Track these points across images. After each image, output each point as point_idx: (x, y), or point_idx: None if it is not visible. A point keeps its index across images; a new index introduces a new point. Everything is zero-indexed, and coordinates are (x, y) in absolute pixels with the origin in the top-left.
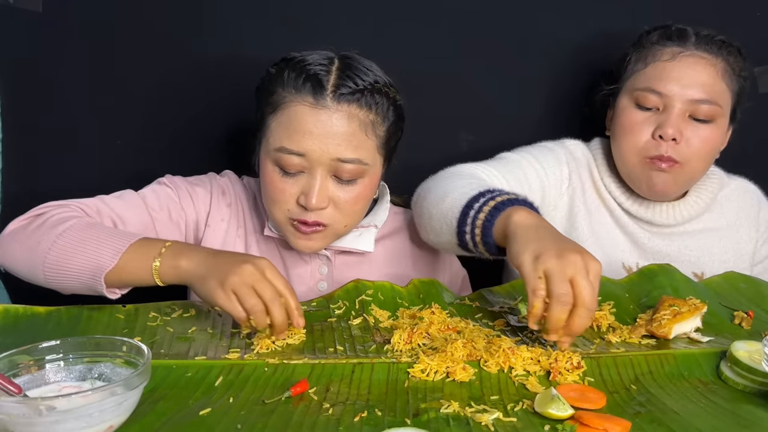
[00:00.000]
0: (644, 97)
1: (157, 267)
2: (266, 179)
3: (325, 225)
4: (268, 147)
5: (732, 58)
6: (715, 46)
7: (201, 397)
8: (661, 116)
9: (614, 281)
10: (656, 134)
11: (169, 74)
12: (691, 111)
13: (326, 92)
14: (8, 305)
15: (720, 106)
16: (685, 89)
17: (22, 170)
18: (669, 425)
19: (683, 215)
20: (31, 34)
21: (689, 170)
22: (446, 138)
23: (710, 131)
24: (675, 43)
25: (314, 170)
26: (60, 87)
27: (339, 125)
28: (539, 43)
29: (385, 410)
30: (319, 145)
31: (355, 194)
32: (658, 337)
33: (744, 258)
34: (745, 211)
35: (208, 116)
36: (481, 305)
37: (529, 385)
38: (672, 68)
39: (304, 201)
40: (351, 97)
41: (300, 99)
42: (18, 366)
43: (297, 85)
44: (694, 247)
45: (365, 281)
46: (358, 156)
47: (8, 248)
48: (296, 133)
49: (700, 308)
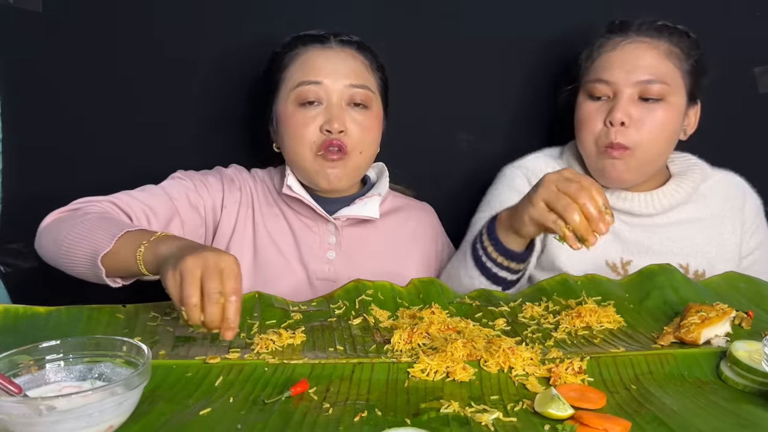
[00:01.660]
0: (594, 87)
1: (141, 253)
2: (288, 120)
3: (346, 151)
4: (287, 91)
5: (676, 38)
6: (655, 31)
7: (201, 397)
8: (611, 103)
9: (614, 281)
10: (607, 121)
11: (169, 74)
12: (640, 92)
13: (330, 38)
14: (8, 305)
15: (668, 84)
16: (629, 73)
17: (22, 170)
18: (669, 425)
19: (663, 204)
20: (31, 34)
21: (641, 154)
22: (446, 138)
23: (662, 110)
24: (617, 34)
25: (331, 98)
26: (60, 87)
27: (346, 60)
28: (539, 44)
29: (385, 410)
30: (332, 74)
31: (367, 121)
32: (688, 343)
33: (727, 249)
34: (730, 202)
35: (208, 116)
36: (482, 304)
37: (529, 385)
38: (616, 56)
39: (328, 125)
40: (349, 44)
41: (309, 47)
42: (18, 366)
43: (304, 42)
44: (676, 238)
45: (365, 281)
46: (365, 83)
47: (41, 240)
48: (311, 68)
49: (728, 312)
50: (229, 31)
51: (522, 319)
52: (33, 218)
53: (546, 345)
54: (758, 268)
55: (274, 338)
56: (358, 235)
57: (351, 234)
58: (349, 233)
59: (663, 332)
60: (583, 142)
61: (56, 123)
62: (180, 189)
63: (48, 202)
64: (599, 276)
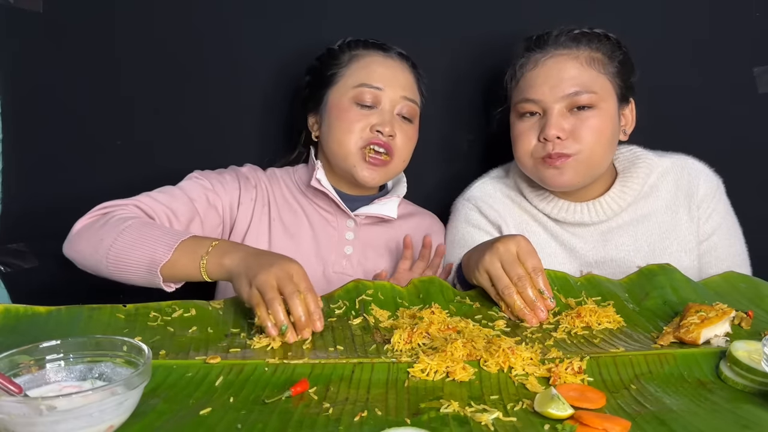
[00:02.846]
0: (522, 107)
1: (204, 264)
2: (343, 114)
3: (392, 155)
4: (346, 88)
5: (595, 44)
6: (572, 41)
7: (201, 397)
8: (543, 120)
9: (614, 281)
10: (541, 137)
11: (169, 74)
12: (568, 105)
13: (392, 50)
14: (8, 305)
15: (596, 92)
16: (554, 88)
17: (22, 170)
18: (669, 425)
19: (612, 208)
20: (31, 34)
21: (585, 158)
22: (446, 138)
23: (597, 117)
24: (536, 51)
25: (385, 104)
26: (60, 87)
27: (404, 72)
28: None
29: (385, 410)
30: (391, 83)
31: (411, 133)
32: (687, 343)
33: (689, 239)
34: (683, 189)
35: (209, 116)
36: (482, 304)
37: (528, 385)
38: (538, 74)
39: (380, 127)
40: (407, 59)
41: (372, 52)
42: (18, 366)
43: (366, 46)
44: (630, 241)
45: (365, 281)
46: (415, 98)
47: (76, 245)
48: (374, 72)
49: (727, 312)
50: (230, 30)
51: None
52: (33, 218)
53: (546, 345)
54: (717, 253)
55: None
56: (374, 233)
57: (368, 232)
58: (366, 231)
59: (663, 332)
60: (520, 158)
61: (56, 123)
62: (199, 190)
63: (48, 203)
64: (599, 276)
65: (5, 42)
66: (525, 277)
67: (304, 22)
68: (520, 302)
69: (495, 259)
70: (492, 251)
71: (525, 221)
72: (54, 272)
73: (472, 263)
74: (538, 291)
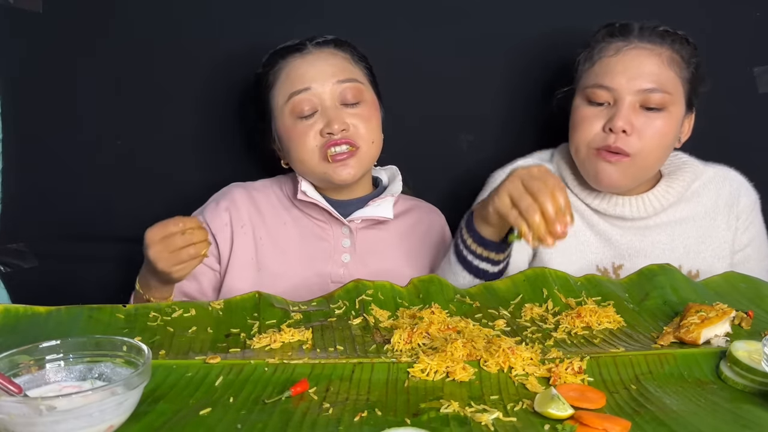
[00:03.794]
0: (594, 93)
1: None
2: (290, 133)
3: (354, 144)
4: (279, 107)
5: (678, 45)
6: (658, 37)
7: (201, 397)
8: (611, 110)
9: (614, 281)
10: (606, 127)
11: (169, 73)
12: (642, 101)
13: (306, 44)
14: (8, 305)
15: (670, 93)
16: (632, 80)
17: (22, 170)
18: (669, 425)
19: (654, 206)
20: (31, 34)
21: (641, 161)
22: (446, 138)
23: (663, 120)
24: (619, 39)
25: (324, 101)
26: (60, 87)
27: (327, 60)
28: (538, 44)
29: (385, 410)
30: (318, 76)
31: (366, 112)
32: (687, 343)
33: (723, 247)
34: (724, 198)
35: (211, 116)
36: (482, 303)
37: (528, 385)
38: (617, 62)
39: (328, 128)
40: (326, 44)
41: (289, 58)
42: (18, 366)
43: (282, 55)
44: (667, 240)
45: (365, 281)
46: (352, 76)
47: None
48: (296, 77)
49: (728, 312)
50: (231, 30)
51: (523, 322)
52: (33, 218)
53: (546, 345)
54: (749, 265)
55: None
56: (372, 237)
57: (365, 237)
58: (363, 236)
59: (663, 332)
60: (576, 144)
61: (56, 123)
62: None
63: (48, 203)
64: (599, 276)
65: (5, 42)
66: (546, 191)
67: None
68: (540, 220)
69: (517, 181)
70: (513, 175)
71: None
72: (54, 272)
73: (489, 197)
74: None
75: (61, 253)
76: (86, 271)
